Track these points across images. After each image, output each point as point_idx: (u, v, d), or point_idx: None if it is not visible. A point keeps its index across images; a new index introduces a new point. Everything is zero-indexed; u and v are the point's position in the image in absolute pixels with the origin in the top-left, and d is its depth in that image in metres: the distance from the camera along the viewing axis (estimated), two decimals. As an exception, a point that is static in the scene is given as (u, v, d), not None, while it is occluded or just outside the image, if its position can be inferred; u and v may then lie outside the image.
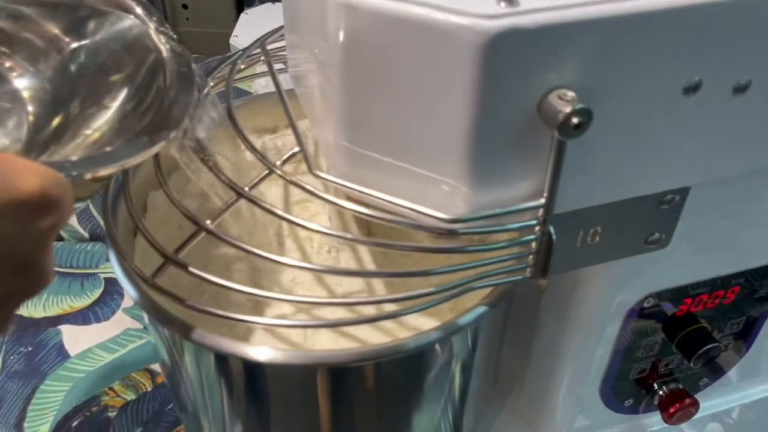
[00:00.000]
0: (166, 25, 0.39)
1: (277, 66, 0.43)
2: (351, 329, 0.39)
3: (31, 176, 0.22)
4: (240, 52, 0.42)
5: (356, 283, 0.41)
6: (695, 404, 0.46)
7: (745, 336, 0.48)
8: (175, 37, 0.39)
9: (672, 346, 0.44)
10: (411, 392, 0.38)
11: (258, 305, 0.41)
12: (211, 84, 0.42)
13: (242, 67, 0.41)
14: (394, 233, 0.39)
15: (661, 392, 0.46)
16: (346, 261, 0.41)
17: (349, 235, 0.33)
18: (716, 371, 0.49)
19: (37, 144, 0.34)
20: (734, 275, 0.42)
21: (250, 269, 0.44)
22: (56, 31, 0.38)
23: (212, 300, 0.42)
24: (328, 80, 0.31)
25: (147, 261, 0.38)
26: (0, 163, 0.22)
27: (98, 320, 0.69)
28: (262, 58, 0.41)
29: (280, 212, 0.32)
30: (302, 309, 0.40)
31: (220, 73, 0.42)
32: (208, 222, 0.34)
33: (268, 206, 0.32)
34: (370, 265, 0.40)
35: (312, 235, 0.44)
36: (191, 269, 0.33)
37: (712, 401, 0.51)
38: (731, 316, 0.45)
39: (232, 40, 1.17)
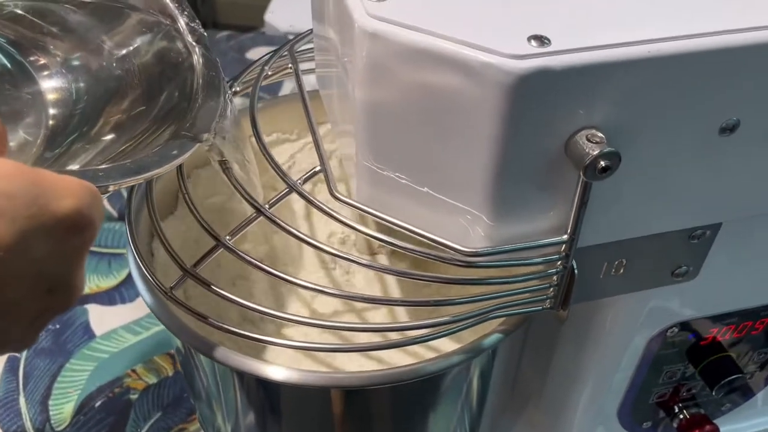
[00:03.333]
0: (197, 21, 0.39)
1: (306, 66, 0.42)
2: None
3: (67, 197, 0.22)
4: (269, 55, 0.42)
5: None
6: (715, 431, 0.45)
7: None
8: (204, 33, 0.38)
9: (696, 373, 0.43)
10: (425, 411, 0.38)
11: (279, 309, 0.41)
12: (238, 89, 0.41)
13: (269, 73, 0.40)
14: (416, 257, 0.38)
15: (681, 416, 0.46)
16: (365, 275, 0.41)
17: (365, 261, 0.32)
18: (740, 398, 0.48)
19: (56, 144, 0.34)
20: (763, 307, 0.41)
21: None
22: (94, 33, 0.37)
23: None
24: (352, 97, 0.30)
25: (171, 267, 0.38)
26: (36, 183, 0.21)
27: (124, 301, 0.69)
28: (290, 65, 0.41)
29: (298, 233, 0.32)
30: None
31: (249, 76, 0.42)
32: (227, 237, 0.34)
33: (288, 227, 0.32)
34: (389, 284, 0.40)
35: (332, 243, 0.43)
36: (212, 287, 0.33)
37: (733, 425, 0.51)
38: (759, 345, 0.44)
39: (267, 17, 1.16)
